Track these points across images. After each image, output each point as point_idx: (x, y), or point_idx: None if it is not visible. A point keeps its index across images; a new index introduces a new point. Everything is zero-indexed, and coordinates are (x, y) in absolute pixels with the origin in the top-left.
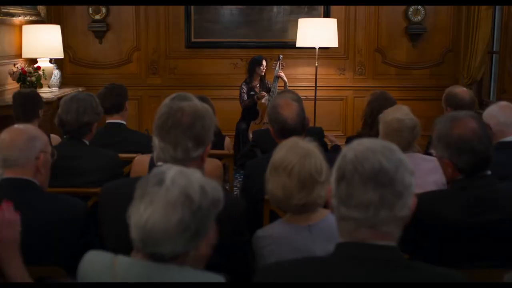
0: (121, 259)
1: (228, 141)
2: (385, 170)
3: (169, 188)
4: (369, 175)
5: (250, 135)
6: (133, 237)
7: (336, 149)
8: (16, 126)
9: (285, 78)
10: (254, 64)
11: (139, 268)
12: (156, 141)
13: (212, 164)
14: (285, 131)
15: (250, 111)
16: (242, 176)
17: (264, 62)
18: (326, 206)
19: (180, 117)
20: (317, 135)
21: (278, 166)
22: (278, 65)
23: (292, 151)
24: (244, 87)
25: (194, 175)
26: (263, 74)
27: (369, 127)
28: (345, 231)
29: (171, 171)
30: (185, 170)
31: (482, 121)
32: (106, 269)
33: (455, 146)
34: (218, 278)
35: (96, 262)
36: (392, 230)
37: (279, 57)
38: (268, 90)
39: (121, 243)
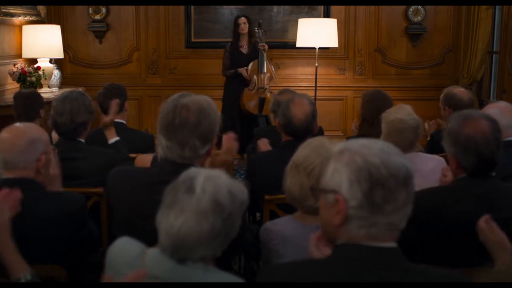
0: (152, 252)
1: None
2: (409, 169)
3: (200, 196)
4: (402, 177)
5: (245, 104)
6: (163, 244)
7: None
8: (17, 125)
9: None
10: (234, 25)
11: (167, 265)
12: (162, 141)
13: (221, 159)
14: (289, 128)
15: (234, 90)
16: (242, 176)
17: (240, 20)
18: None
19: (186, 116)
20: (317, 135)
21: (299, 164)
22: (260, 33)
23: (316, 151)
24: (227, 53)
25: (222, 179)
26: (245, 32)
27: (371, 125)
28: (347, 234)
29: (200, 177)
30: (212, 175)
31: (496, 124)
32: (136, 259)
33: (461, 145)
34: (238, 280)
35: (126, 250)
36: (404, 224)
37: (259, 23)
38: (256, 53)
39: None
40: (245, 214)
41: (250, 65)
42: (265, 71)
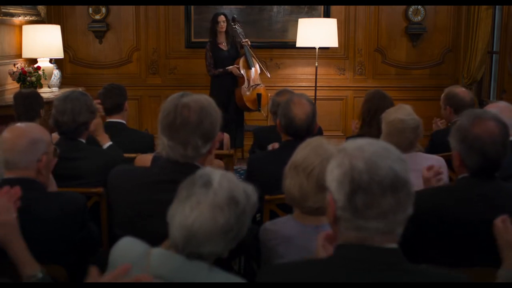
0: (156, 251)
1: (227, 139)
2: (399, 175)
3: (217, 190)
4: (387, 183)
5: (245, 101)
6: (174, 236)
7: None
8: (18, 125)
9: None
10: (213, 23)
11: (172, 263)
12: (164, 141)
13: (215, 165)
14: (290, 128)
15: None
16: (242, 176)
17: (220, 18)
18: None
19: (187, 115)
20: (317, 134)
21: (298, 165)
22: (240, 29)
23: (315, 152)
24: (209, 52)
25: (236, 179)
26: (224, 30)
27: (368, 125)
28: (342, 234)
29: (217, 174)
30: (227, 174)
31: (506, 127)
32: (140, 259)
33: (468, 144)
34: (242, 281)
35: (130, 250)
36: (401, 229)
37: (233, 17)
38: (235, 49)
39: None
40: None
41: (239, 63)
42: (254, 66)
